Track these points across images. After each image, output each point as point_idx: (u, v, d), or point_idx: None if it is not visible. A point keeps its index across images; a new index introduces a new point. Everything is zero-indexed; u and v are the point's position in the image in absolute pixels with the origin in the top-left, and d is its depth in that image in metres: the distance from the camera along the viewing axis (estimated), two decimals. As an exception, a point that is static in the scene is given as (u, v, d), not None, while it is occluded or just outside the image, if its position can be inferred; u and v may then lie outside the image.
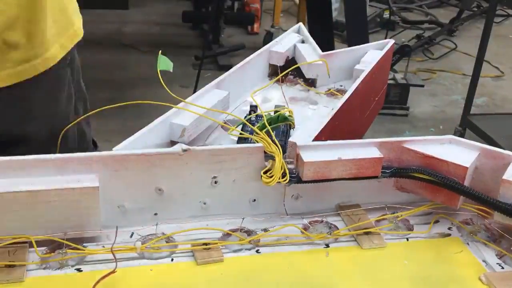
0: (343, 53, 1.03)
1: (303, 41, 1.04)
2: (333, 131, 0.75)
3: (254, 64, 0.94)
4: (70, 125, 0.71)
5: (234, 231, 0.64)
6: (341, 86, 1.00)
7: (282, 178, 0.62)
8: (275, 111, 0.78)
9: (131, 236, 0.62)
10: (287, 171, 0.62)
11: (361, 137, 0.75)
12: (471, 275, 0.61)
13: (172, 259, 0.60)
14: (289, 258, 0.62)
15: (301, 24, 1.07)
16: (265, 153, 0.64)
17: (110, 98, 2.44)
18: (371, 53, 1.01)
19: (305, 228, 0.66)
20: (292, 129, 0.78)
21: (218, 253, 0.60)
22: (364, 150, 0.66)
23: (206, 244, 0.61)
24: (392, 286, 0.59)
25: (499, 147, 0.71)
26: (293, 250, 0.63)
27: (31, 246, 0.57)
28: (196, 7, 4.03)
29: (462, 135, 2.55)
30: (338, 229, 0.66)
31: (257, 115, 0.79)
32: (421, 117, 2.99)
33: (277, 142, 0.65)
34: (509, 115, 2.92)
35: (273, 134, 0.67)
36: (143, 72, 3.12)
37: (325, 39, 2.59)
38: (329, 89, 0.98)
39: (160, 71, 0.67)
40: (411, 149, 0.67)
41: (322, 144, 0.66)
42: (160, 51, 0.68)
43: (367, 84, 0.90)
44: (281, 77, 0.97)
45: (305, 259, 0.62)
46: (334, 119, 0.76)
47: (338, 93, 0.96)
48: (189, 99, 0.76)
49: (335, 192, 0.69)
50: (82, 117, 0.84)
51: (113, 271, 0.54)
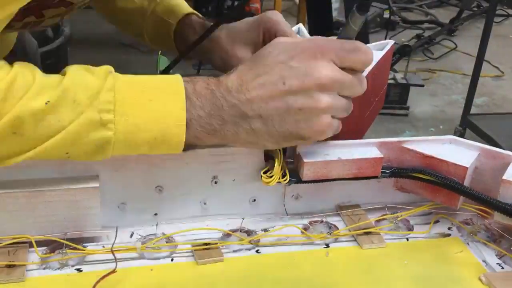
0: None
1: (303, 41, 1.04)
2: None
3: (254, 64, 0.94)
4: None
5: (234, 231, 0.64)
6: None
7: (282, 178, 0.62)
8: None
9: (131, 236, 0.62)
10: (287, 171, 0.62)
11: (361, 137, 0.75)
12: (471, 275, 0.61)
13: (172, 259, 0.60)
14: (289, 258, 0.62)
15: (301, 24, 1.07)
16: (265, 153, 0.64)
17: (110, 98, 2.43)
18: (371, 53, 1.01)
19: (305, 228, 0.66)
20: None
21: (218, 253, 0.60)
22: (364, 150, 0.66)
23: (206, 244, 0.61)
24: (392, 286, 0.59)
25: (499, 147, 0.71)
26: (293, 250, 0.63)
27: (31, 246, 0.57)
28: (196, 7, 4.02)
29: (462, 135, 2.55)
30: (338, 229, 0.66)
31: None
32: (421, 117, 2.99)
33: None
34: (509, 115, 2.91)
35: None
36: (143, 72, 3.11)
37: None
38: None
39: (160, 71, 0.67)
40: (411, 149, 0.67)
41: (322, 144, 0.65)
42: (160, 51, 0.68)
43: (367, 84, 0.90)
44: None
45: (305, 259, 0.62)
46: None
47: (338, 93, 0.96)
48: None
49: (335, 192, 0.69)
50: None
51: (113, 271, 0.55)
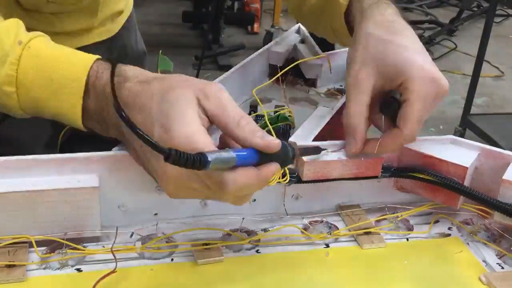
0: (343, 53, 1.02)
1: (303, 41, 1.04)
2: (333, 131, 0.75)
3: (254, 64, 0.94)
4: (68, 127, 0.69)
5: (234, 231, 0.64)
6: (341, 86, 1.00)
7: (282, 178, 0.62)
8: (275, 111, 0.78)
9: (131, 236, 0.62)
10: (287, 171, 0.62)
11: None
12: (471, 275, 0.61)
13: (172, 259, 0.60)
14: (289, 258, 0.62)
15: (301, 24, 1.07)
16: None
17: (110, 98, 2.42)
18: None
19: (305, 228, 0.66)
20: (292, 129, 0.78)
21: (218, 253, 0.60)
22: (364, 150, 0.66)
23: (206, 244, 0.61)
24: (392, 286, 0.59)
25: (499, 147, 0.71)
26: (293, 250, 0.63)
27: (31, 246, 0.57)
28: (196, 7, 4.03)
29: (462, 135, 2.55)
30: (338, 229, 0.66)
31: (257, 115, 0.79)
32: (421, 117, 2.99)
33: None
34: (509, 115, 2.92)
35: (273, 134, 0.67)
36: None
37: (325, 39, 2.58)
38: (329, 89, 0.98)
39: (160, 71, 0.67)
40: (411, 149, 0.67)
41: (322, 144, 0.65)
42: (160, 51, 0.68)
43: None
44: (282, 77, 0.97)
45: (305, 259, 0.62)
46: (334, 119, 0.76)
47: (338, 93, 0.96)
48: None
49: (335, 192, 0.69)
50: None
51: (113, 271, 0.54)
